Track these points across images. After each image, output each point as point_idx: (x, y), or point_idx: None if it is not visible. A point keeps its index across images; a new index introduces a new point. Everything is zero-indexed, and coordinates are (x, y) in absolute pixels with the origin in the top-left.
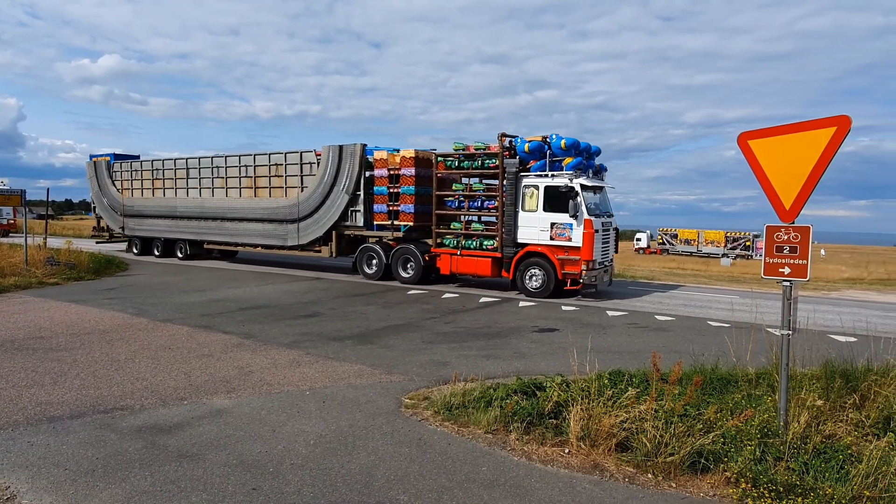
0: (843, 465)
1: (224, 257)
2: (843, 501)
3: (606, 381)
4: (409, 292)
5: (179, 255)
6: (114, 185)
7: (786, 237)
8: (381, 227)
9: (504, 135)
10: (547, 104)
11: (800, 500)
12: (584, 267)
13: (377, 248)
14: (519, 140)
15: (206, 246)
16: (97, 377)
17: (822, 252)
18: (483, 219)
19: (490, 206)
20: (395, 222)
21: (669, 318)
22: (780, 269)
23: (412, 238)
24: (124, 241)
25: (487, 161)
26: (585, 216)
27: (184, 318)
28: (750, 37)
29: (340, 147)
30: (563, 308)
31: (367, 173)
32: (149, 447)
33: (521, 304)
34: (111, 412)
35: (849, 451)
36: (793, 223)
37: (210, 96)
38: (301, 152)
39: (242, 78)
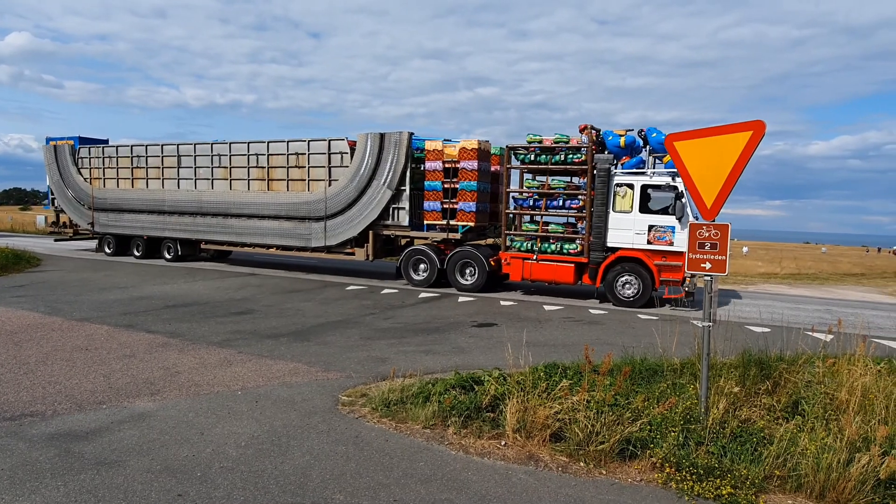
0: (757, 448)
1: (216, 258)
2: (756, 481)
3: (542, 374)
4: (348, 287)
5: (168, 255)
6: (80, 173)
7: (707, 234)
8: (431, 228)
9: (591, 127)
10: (488, 101)
11: (718, 481)
12: (688, 274)
13: (428, 251)
14: (609, 133)
15: (203, 246)
16: (2, 382)
17: (745, 249)
18: (569, 220)
19: (573, 206)
20: (452, 222)
21: (602, 312)
22: (702, 265)
23: (467, 240)
24: (93, 239)
25: (571, 155)
26: (691, 219)
27: (103, 316)
28: (679, 43)
29: (382, 135)
30: (502, 303)
31: (413, 166)
32: (62, 455)
33: (461, 299)
34: (19, 419)
35: (762, 434)
36: (713, 221)
37: (134, 81)
38: (329, 140)
39: (170, 63)
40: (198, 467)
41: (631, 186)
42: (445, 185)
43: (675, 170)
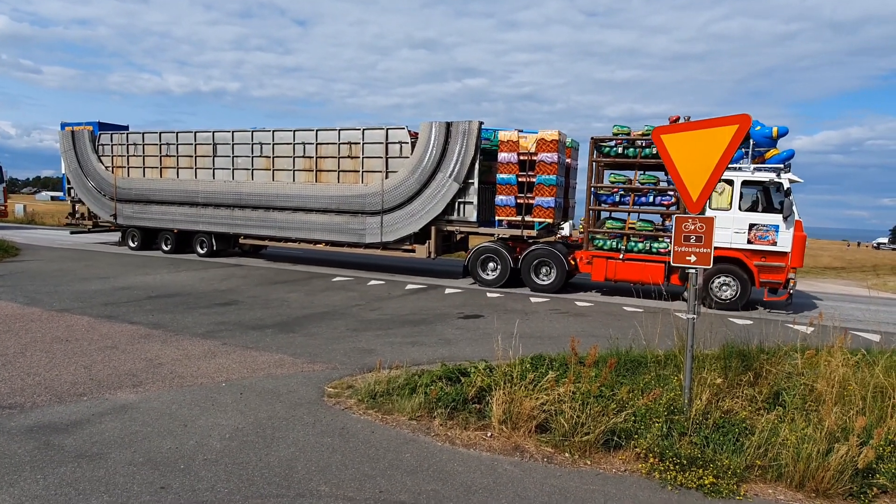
0: (739, 438)
1: (249, 253)
2: (738, 471)
3: (528, 366)
4: (334, 279)
5: (201, 250)
6: (101, 161)
7: (692, 227)
8: (500, 224)
9: (687, 119)
10: (476, 92)
11: (701, 471)
12: (791, 275)
13: (500, 248)
14: None
15: (242, 241)
16: None
17: None
18: (643, 217)
19: (664, 202)
20: (527, 218)
21: (588, 304)
22: (687, 258)
23: (540, 237)
24: (113, 232)
25: None
26: (797, 217)
27: (84, 307)
28: (668, 36)
29: (448, 124)
30: (488, 295)
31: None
32: (42, 448)
33: (448, 290)
34: None
35: (744, 425)
36: (699, 214)
37: (115, 67)
38: (387, 129)
39: (152, 50)
40: (181, 459)
41: (730, 182)
42: (520, 179)
43: (781, 166)
